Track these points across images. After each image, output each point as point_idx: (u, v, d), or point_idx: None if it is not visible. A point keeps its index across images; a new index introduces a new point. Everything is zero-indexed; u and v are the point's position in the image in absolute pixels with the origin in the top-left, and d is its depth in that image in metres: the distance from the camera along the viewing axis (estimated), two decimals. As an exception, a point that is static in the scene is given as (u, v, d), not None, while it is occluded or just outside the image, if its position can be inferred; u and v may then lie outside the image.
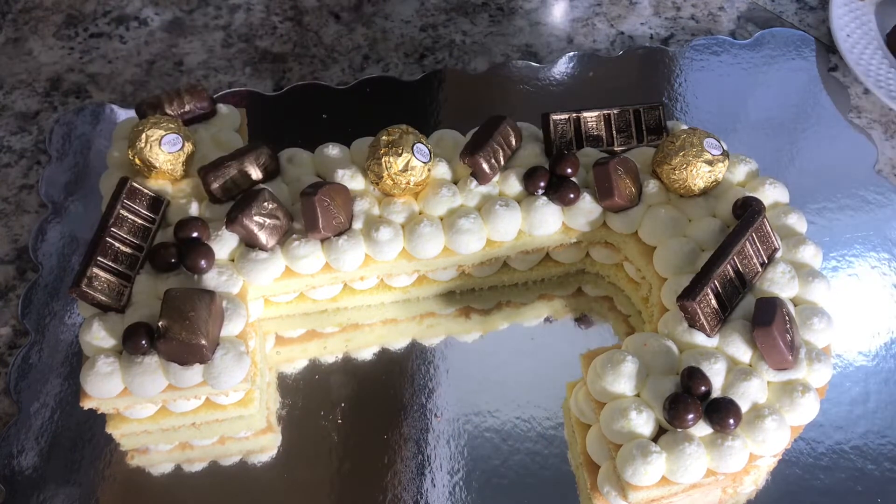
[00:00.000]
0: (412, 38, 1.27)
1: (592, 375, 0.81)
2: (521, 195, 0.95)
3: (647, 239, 0.93)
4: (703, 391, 0.78)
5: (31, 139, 1.16)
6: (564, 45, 1.27)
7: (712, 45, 1.26)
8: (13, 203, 1.09)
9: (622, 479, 0.78)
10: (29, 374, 0.94)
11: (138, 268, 0.87)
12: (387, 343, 0.99)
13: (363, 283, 0.97)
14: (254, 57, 1.25)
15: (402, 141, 0.91)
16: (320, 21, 1.30)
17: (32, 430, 0.90)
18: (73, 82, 1.22)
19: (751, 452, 0.78)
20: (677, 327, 0.84)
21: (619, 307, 1.01)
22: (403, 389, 0.95)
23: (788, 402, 0.80)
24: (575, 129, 0.98)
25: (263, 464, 0.90)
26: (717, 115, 1.18)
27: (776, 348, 0.80)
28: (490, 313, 1.01)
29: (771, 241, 0.89)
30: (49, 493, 0.87)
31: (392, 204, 0.93)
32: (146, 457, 0.90)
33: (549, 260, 1.01)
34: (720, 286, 0.83)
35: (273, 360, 0.97)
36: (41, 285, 1.00)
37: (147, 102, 0.98)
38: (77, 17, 1.30)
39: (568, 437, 0.91)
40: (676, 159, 0.92)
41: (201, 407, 0.89)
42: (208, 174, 0.90)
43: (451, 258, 0.94)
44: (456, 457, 0.90)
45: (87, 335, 0.83)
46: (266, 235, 0.88)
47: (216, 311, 0.83)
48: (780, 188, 0.95)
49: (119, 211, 0.87)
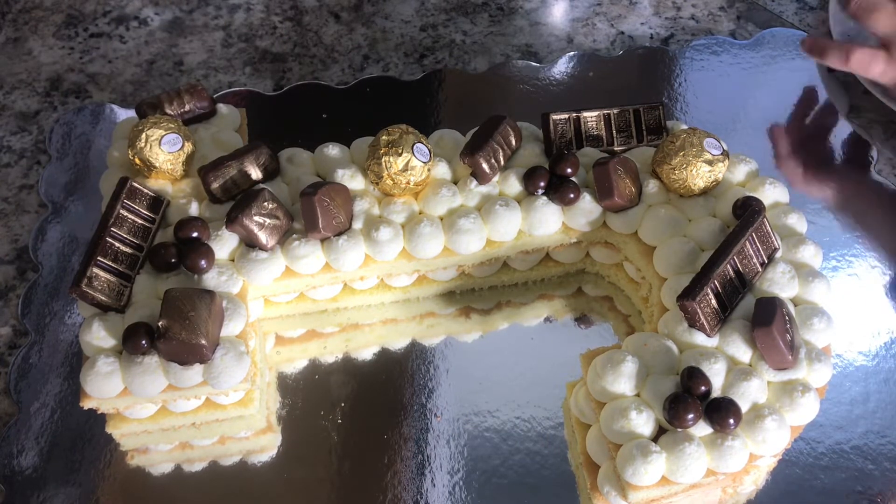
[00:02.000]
0: (412, 38, 1.27)
1: (592, 375, 0.81)
2: (521, 195, 0.95)
3: (647, 239, 0.93)
4: (703, 391, 0.78)
5: (31, 139, 1.16)
6: (564, 45, 1.27)
7: (712, 45, 1.26)
8: (13, 203, 1.09)
9: (622, 479, 0.78)
10: (29, 374, 0.94)
11: (138, 268, 0.87)
12: (387, 343, 0.99)
13: (363, 283, 0.97)
14: (254, 57, 1.25)
15: (402, 141, 0.91)
16: (320, 21, 1.30)
17: (32, 430, 0.90)
18: (73, 82, 1.22)
19: (751, 452, 0.78)
20: (677, 327, 0.84)
21: (619, 307, 1.01)
22: (403, 389, 0.95)
23: (788, 402, 0.80)
24: (575, 128, 0.98)
25: (263, 464, 0.90)
26: (717, 115, 1.18)
27: (776, 348, 0.80)
28: (490, 313, 1.01)
29: (771, 241, 0.89)
30: (49, 493, 0.87)
31: (392, 204, 0.93)
32: (146, 457, 0.90)
33: (549, 260, 1.01)
34: (720, 286, 0.83)
35: (273, 360, 0.97)
36: (41, 285, 1.00)
37: (147, 102, 0.98)
38: (77, 17, 1.30)
39: (568, 437, 0.91)
40: (676, 159, 0.92)
41: (201, 407, 0.89)
42: (208, 174, 0.90)
43: (451, 258, 0.94)
44: (456, 457, 0.90)
45: (87, 335, 0.83)
46: (266, 235, 0.88)
47: (216, 311, 0.83)
48: (780, 188, 0.95)
49: (119, 211, 0.87)
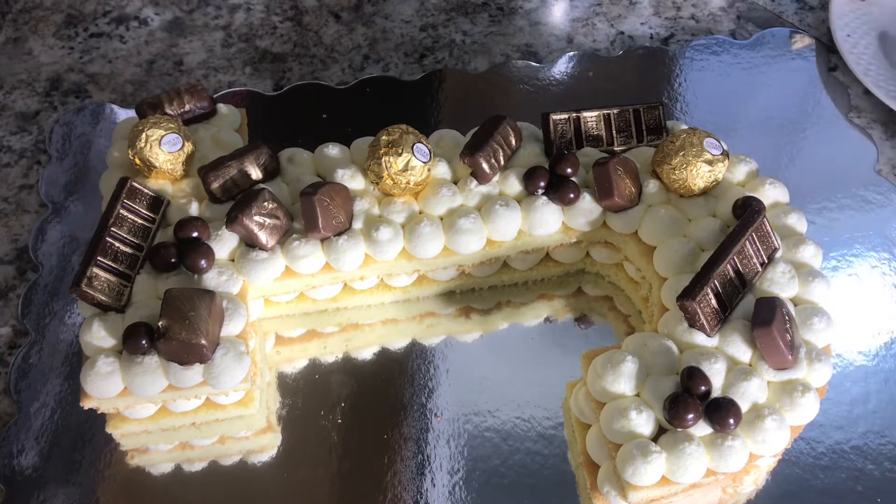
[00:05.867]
0: (412, 38, 1.27)
1: (592, 375, 0.81)
2: (521, 195, 0.95)
3: (647, 239, 0.93)
4: (703, 391, 0.78)
5: (31, 139, 1.16)
6: (564, 45, 1.27)
7: (712, 45, 1.26)
8: (13, 203, 1.09)
9: (622, 479, 0.78)
10: (29, 374, 0.94)
11: (138, 268, 0.87)
12: (387, 343, 0.99)
13: (363, 283, 0.97)
14: (254, 57, 1.25)
15: (402, 141, 0.91)
16: (320, 21, 1.30)
17: (32, 430, 0.90)
18: (73, 82, 1.22)
19: (751, 452, 0.78)
20: (677, 327, 0.84)
21: (619, 307, 1.01)
22: (403, 389, 0.95)
23: (788, 401, 0.80)
24: (575, 128, 0.98)
25: (263, 464, 0.90)
26: (717, 115, 1.18)
27: (776, 348, 0.80)
28: (490, 313, 1.01)
29: (771, 241, 0.89)
30: (49, 493, 0.87)
31: (392, 204, 0.93)
32: (146, 457, 0.90)
33: (549, 260, 1.01)
34: (720, 286, 0.83)
35: (273, 360, 0.97)
36: (41, 285, 1.00)
37: (147, 102, 0.98)
38: (77, 17, 1.30)
39: (568, 437, 0.91)
40: (676, 159, 0.92)
41: (201, 407, 0.89)
42: (208, 174, 0.90)
43: (451, 258, 0.94)
44: (456, 457, 0.90)
45: (87, 335, 0.83)
46: (266, 235, 0.88)
47: (216, 311, 0.83)
48: (780, 188, 0.95)
49: (119, 211, 0.87)
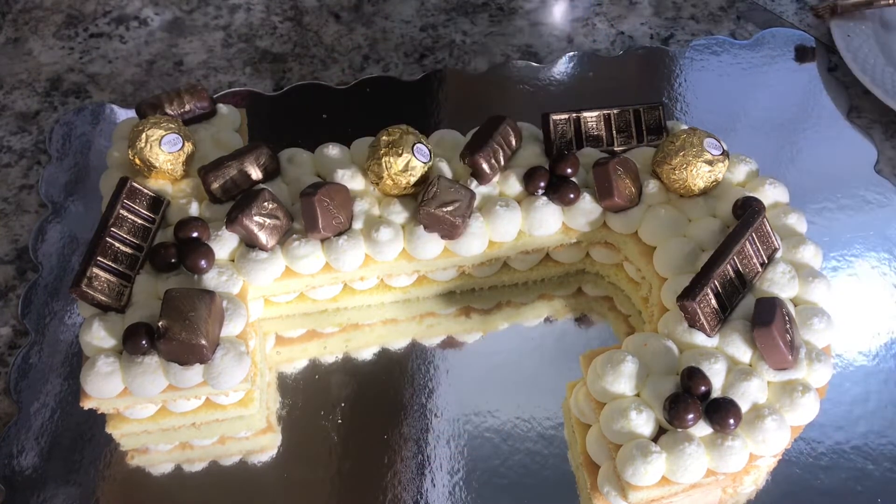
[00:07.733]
0: (412, 38, 1.27)
1: (592, 375, 0.81)
2: (521, 195, 0.95)
3: (647, 239, 0.93)
4: (703, 391, 0.78)
5: (31, 139, 1.16)
6: (564, 45, 1.27)
7: (712, 45, 1.26)
8: (13, 203, 1.09)
9: (622, 479, 0.78)
10: (29, 374, 0.94)
11: (138, 268, 0.87)
12: (387, 343, 0.99)
13: (363, 283, 0.97)
14: (254, 57, 1.25)
15: (402, 141, 0.91)
16: (320, 21, 1.30)
17: (32, 430, 0.90)
18: (73, 82, 1.22)
19: (751, 452, 0.78)
20: (677, 327, 0.84)
21: (619, 307, 1.01)
22: (403, 389, 0.95)
23: (788, 402, 0.80)
24: (575, 129, 0.98)
25: (263, 464, 0.90)
26: (717, 115, 1.17)
27: (776, 348, 0.80)
28: (490, 313, 1.01)
29: (771, 241, 0.89)
30: (49, 493, 0.87)
31: (392, 204, 0.93)
32: (146, 457, 0.90)
33: (549, 260, 1.01)
34: (720, 286, 0.83)
35: (273, 360, 0.97)
36: (41, 285, 1.00)
37: (147, 102, 0.98)
38: (77, 17, 1.30)
39: (568, 437, 0.91)
40: (676, 159, 0.92)
41: (201, 407, 0.89)
42: (208, 174, 0.90)
43: (451, 259, 0.94)
44: (456, 457, 0.90)
45: (87, 335, 0.83)
46: (266, 235, 0.88)
47: (216, 311, 0.83)
48: (780, 188, 0.95)
49: (119, 211, 0.87)
